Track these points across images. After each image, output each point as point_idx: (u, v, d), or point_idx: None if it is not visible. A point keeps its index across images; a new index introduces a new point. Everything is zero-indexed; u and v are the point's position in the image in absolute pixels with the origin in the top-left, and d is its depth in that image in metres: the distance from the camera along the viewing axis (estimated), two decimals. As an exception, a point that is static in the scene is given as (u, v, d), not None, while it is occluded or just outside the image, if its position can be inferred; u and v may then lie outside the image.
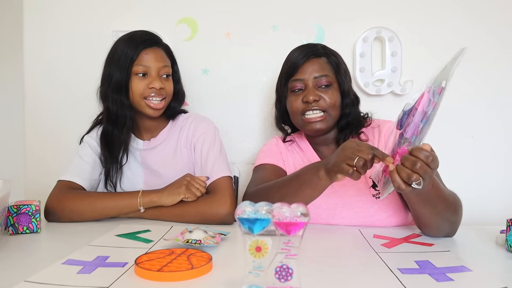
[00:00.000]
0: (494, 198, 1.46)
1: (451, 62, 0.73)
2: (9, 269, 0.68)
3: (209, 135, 1.18)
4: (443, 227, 0.88)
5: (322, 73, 1.05)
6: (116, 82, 1.10)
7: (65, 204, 1.03)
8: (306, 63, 1.06)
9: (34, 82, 1.57)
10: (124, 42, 1.12)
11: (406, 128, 0.75)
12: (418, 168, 0.71)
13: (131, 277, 0.63)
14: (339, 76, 1.07)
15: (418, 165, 0.71)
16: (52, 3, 1.56)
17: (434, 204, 0.83)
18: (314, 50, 1.08)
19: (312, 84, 1.05)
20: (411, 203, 0.88)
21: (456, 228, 0.90)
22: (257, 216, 0.52)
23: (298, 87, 1.07)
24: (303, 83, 1.06)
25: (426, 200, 0.83)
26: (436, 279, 0.63)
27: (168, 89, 1.15)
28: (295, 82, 1.07)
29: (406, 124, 0.75)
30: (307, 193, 0.91)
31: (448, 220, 0.87)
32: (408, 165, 0.72)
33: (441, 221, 0.87)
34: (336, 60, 1.09)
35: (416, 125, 0.73)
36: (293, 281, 0.53)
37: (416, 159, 0.71)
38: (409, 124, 0.74)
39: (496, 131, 1.47)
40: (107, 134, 1.15)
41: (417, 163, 0.71)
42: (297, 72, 1.07)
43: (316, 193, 0.92)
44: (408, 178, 0.72)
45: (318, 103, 1.04)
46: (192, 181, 1.06)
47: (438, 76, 0.73)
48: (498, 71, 1.46)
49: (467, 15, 1.45)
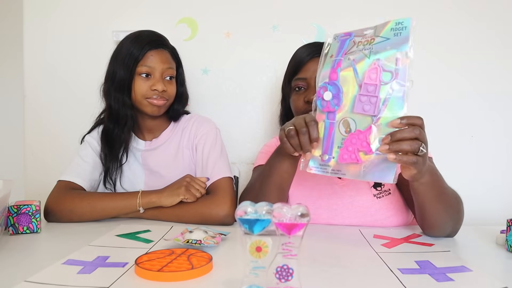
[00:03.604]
0: (494, 198, 1.46)
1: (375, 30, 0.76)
2: (9, 269, 0.68)
3: (210, 136, 1.18)
4: (447, 226, 0.88)
5: None
6: (119, 81, 1.11)
7: (64, 204, 1.03)
8: (310, 62, 1.05)
9: (34, 82, 1.57)
10: (130, 41, 1.12)
11: (363, 106, 0.74)
12: (418, 134, 0.70)
13: (131, 277, 0.63)
14: None
15: (417, 131, 0.70)
16: (52, 3, 1.56)
17: (439, 197, 0.83)
18: (318, 49, 1.05)
19: (315, 83, 1.05)
20: (419, 199, 0.86)
21: (458, 227, 0.90)
22: (257, 216, 0.52)
23: (300, 85, 1.06)
24: (305, 82, 1.05)
25: (431, 190, 0.82)
26: (436, 279, 0.63)
27: (170, 92, 1.14)
28: (297, 81, 1.06)
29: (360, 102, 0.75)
30: (279, 171, 0.92)
31: (452, 219, 0.87)
32: (408, 135, 0.70)
33: (446, 219, 0.87)
34: None
35: (377, 100, 0.73)
36: (293, 281, 0.53)
37: (414, 125, 0.70)
38: (364, 102, 0.74)
39: (496, 131, 1.47)
40: (108, 132, 1.15)
41: (416, 129, 0.70)
42: (300, 71, 1.06)
43: (287, 169, 0.91)
44: (412, 148, 0.70)
45: None
46: (192, 182, 1.06)
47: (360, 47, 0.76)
48: (498, 71, 1.46)
49: (467, 15, 1.45)
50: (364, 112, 0.74)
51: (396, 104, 0.72)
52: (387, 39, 0.75)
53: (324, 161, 0.78)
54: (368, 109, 0.74)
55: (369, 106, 0.74)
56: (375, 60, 0.74)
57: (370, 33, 0.79)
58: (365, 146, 0.73)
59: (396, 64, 0.73)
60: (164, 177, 1.16)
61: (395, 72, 0.73)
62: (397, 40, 0.74)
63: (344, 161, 0.75)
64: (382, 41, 0.75)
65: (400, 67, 0.72)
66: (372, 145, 0.73)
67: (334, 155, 0.77)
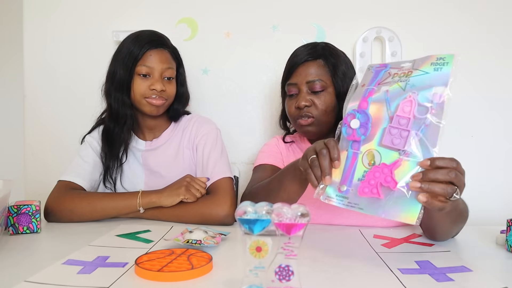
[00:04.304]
0: (494, 198, 1.46)
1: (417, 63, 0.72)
2: (9, 269, 0.68)
3: (211, 136, 1.18)
4: (452, 235, 0.88)
5: (315, 77, 1.03)
6: (119, 80, 1.11)
7: (64, 204, 1.03)
8: (301, 67, 1.05)
9: (34, 82, 1.57)
10: (130, 41, 1.12)
11: (392, 140, 0.70)
12: (453, 178, 0.64)
13: (132, 277, 0.63)
14: (335, 79, 1.04)
15: (453, 175, 0.64)
16: (52, 3, 1.55)
17: (454, 219, 0.80)
18: (312, 52, 1.06)
19: (306, 89, 1.04)
20: (433, 220, 0.81)
21: (460, 231, 0.90)
22: (258, 216, 0.52)
23: (292, 92, 1.06)
24: (296, 87, 1.05)
25: (448, 217, 0.77)
26: (436, 279, 0.63)
27: (169, 92, 1.14)
28: (290, 86, 1.07)
29: (389, 136, 0.70)
30: (289, 190, 0.88)
31: (459, 229, 0.87)
32: (442, 178, 0.64)
33: (453, 232, 0.86)
34: (334, 62, 1.05)
35: (408, 135, 0.68)
36: (294, 282, 0.53)
37: (449, 168, 0.64)
38: (394, 135, 0.70)
39: (497, 131, 1.47)
40: (108, 131, 1.15)
41: (451, 173, 0.64)
42: (292, 76, 1.06)
43: (297, 190, 0.88)
44: (445, 192, 0.64)
45: (309, 108, 1.03)
46: (192, 182, 1.06)
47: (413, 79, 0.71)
48: (499, 71, 1.46)
49: (468, 15, 1.45)
50: (393, 145, 0.69)
51: (428, 141, 0.68)
52: (426, 73, 0.71)
53: (341, 192, 0.72)
54: (398, 143, 0.69)
55: (399, 140, 0.69)
56: (410, 93, 0.70)
57: (408, 66, 0.75)
58: (389, 181, 0.68)
59: (433, 99, 0.68)
60: (164, 177, 1.16)
61: (431, 108, 0.68)
62: (437, 75, 0.70)
63: (365, 194, 0.69)
64: (420, 74, 0.71)
65: (437, 103, 0.68)
66: (397, 180, 0.67)
67: (353, 187, 0.71)
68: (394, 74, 0.75)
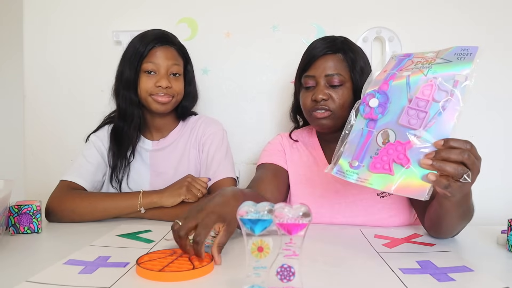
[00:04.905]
0: (495, 198, 1.46)
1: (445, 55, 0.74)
2: (10, 269, 0.68)
3: (217, 137, 1.19)
4: (456, 232, 0.88)
5: (334, 71, 1.01)
6: (126, 79, 1.11)
7: (65, 204, 1.03)
8: (320, 59, 1.03)
9: (34, 82, 1.57)
10: (137, 40, 1.13)
11: (409, 120, 0.72)
12: (466, 158, 0.64)
13: (133, 277, 0.63)
14: (354, 74, 1.02)
15: (465, 155, 0.64)
16: (52, 3, 1.55)
17: (463, 214, 0.80)
18: (331, 45, 1.04)
19: (324, 82, 1.02)
20: (441, 211, 0.80)
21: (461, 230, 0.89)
22: (259, 216, 0.52)
23: (309, 84, 1.04)
24: (314, 80, 1.03)
25: (458, 208, 0.77)
26: (437, 279, 0.63)
27: (176, 88, 1.14)
28: (307, 78, 1.04)
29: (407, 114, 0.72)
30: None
31: (463, 226, 0.86)
32: (454, 157, 0.64)
33: (458, 229, 0.86)
34: (353, 57, 1.03)
35: (425, 116, 0.70)
36: (295, 281, 0.53)
37: (462, 149, 0.65)
38: (411, 116, 0.71)
39: (497, 130, 1.47)
40: (117, 130, 1.15)
41: (464, 153, 0.64)
42: (310, 68, 1.04)
43: None
44: (456, 172, 0.64)
45: (327, 102, 1.01)
46: (193, 182, 1.06)
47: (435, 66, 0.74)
48: (499, 71, 1.45)
49: (468, 15, 1.45)
50: (410, 125, 0.71)
51: (444, 125, 0.69)
52: (449, 61, 0.73)
53: (353, 167, 0.74)
54: (414, 123, 0.71)
55: (416, 121, 0.71)
56: (432, 78, 0.72)
57: (431, 55, 0.77)
58: (402, 158, 0.70)
59: (453, 85, 0.71)
60: (170, 177, 1.16)
61: (451, 93, 0.70)
62: (459, 64, 0.73)
63: (376, 170, 0.72)
64: (443, 62, 0.74)
65: (457, 89, 0.70)
66: (410, 157, 0.69)
67: (364, 163, 0.73)
68: (417, 62, 0.77)
